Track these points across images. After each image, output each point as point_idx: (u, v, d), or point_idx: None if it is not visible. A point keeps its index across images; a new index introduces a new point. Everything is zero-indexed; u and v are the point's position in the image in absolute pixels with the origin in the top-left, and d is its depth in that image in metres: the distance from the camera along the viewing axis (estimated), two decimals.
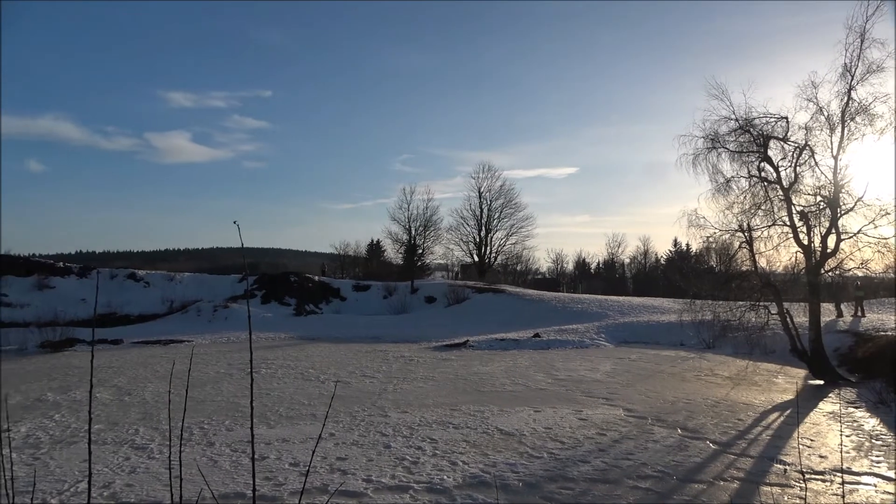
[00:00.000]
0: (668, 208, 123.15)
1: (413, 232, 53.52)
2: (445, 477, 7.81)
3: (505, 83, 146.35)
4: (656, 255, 77.34)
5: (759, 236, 17.37)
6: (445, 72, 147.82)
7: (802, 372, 17.28)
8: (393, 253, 61.39)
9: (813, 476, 8.06)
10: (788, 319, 16.43)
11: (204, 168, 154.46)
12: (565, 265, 77.10)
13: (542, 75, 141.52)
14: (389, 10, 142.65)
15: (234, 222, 2.05)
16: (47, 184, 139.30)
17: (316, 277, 47.35)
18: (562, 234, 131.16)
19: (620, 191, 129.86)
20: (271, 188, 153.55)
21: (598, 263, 79.75)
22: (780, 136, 17.24)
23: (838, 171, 16.51)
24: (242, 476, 7.84)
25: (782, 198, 17.00)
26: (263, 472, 7.90)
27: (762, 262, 17.57)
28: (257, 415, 11.59)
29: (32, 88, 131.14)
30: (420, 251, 55.21)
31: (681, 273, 26.06)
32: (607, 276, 73.20)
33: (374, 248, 68.54)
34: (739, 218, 17.54)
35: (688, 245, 61.94)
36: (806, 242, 16.68)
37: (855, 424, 11.19)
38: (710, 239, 18.32)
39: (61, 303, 34.71)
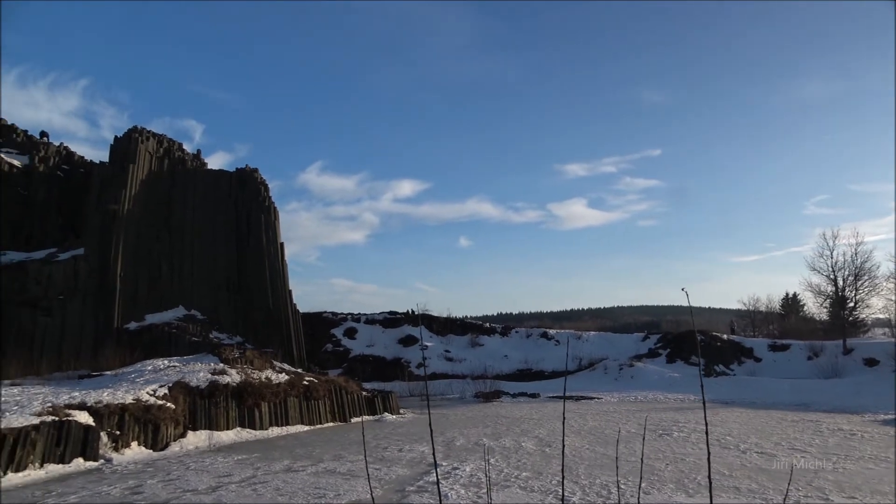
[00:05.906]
0: None
1: (841, 282, 46.10)
2: None
3: None
4: None
5: None
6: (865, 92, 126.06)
7: None
8: (815, 307, 53.64)
9: None
10: None
11: (600, 231, 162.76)
12: None
13: None
14: (778, 45, 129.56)
15: (683, 289, 2.11)
16: (473, 256, 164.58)
17: (724, 336, 44.47)
18: None
19: None
20: (666, 244, 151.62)
21: None
22: None
23: None
24: None
25: None
26: None
27: None
28: (674, 480, 11.15)
29: (462, 181, 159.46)
30: (851, 304, 47.05)
31: None
32: None
33: (791, 302, 61.13)
34: None
35: None
36: None
37: None
38: None
39: (488, 358, 40.12)
